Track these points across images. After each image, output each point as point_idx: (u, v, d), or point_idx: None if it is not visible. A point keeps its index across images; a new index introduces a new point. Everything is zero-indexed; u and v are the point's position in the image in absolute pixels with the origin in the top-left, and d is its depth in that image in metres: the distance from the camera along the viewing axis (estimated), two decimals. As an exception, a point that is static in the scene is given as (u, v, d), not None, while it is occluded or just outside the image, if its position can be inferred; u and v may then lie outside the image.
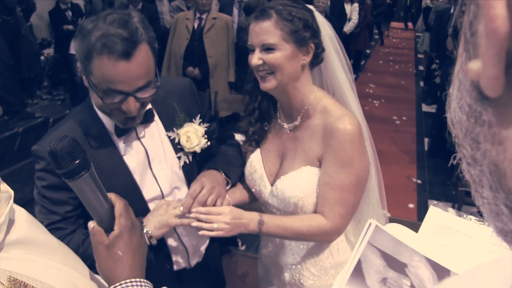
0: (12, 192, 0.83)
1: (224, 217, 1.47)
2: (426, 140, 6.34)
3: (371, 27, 12.15)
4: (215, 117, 1.84)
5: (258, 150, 1.70)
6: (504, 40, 0.27)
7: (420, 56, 12.49)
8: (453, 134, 0.34)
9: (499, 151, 0.30)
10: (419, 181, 5.14)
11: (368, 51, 12.55)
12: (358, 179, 1.49)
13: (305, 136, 1.55)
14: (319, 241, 1.61)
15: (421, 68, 10.95)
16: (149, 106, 1.54)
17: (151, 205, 1.55)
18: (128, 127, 1.46)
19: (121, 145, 1.51)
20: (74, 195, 1.39)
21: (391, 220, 2.11)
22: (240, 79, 5.16)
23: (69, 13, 6.49)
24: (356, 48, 10.14)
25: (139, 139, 1.54)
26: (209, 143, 1.63)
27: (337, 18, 7.26)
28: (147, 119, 1.53)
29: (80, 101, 6.35)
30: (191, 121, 1.62)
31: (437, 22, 6.98)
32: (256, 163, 1.67)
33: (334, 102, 1.55)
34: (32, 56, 4.98)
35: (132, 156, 1.52)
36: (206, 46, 4.96)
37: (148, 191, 1.54)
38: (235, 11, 5.94)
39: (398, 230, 1.13)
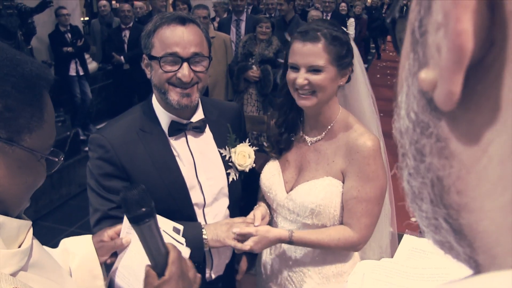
0: (31, 221, 0.91)
1: (253, 247, 1.57)
2: (426, 152, 6.35)
3: (367, 41, 12.25)
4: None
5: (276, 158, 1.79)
6: (468, 56, 0.25)
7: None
8: (398, 145, 0.33)
9: (445, 166, 0.29)
10: (420, 194, 5.13)
11: (365, 65, 12.63)
12: (381, 191, 1.59)
13: (329, 150, 1.65)
14: (345, 251, 1.70)
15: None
16: (202, 116, 1.67)
17: (196, 209, 1.65)
18: (184, 106, 1.54)
19: (172, 146, 1.61)
20: (127, 184, 1.53)
21: (394, 235, 2.11)
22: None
23: (69, 35, 6.54)
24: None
25: (188, 146, 1.64)
26: (254, 165, 1.76)
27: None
28: (200, 128, 1.64)
29: (80, 122, 6.32)
30: (240, 142, 1.74)
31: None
32: (275, 169, 1.75)
33: (356, 120, 1.67)
34: (33, 79, 5.02)
35: (181, 159, 1.62)
36: (205, 65, 4.98)
37: (193, 196, 1.64)
38: (233, 29, 6.00)
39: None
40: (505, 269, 0.25)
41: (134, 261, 1.26)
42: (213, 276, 1.77)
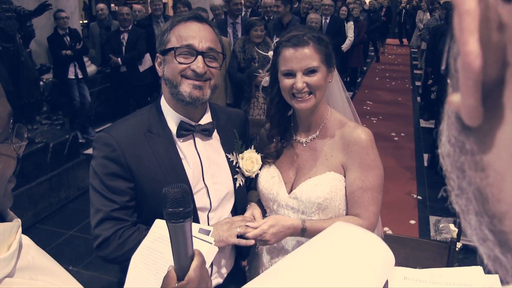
0: (20, 221, 0.87)
1: (266, 231, 1.59)
2: (425, 155, 6.35)
3: (366, 44, 12.26)
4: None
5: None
6: (478, 73, 0.29)
7: (416, 71, 12.59)
8: (443, 168, 0.36)
9: (481, 177, 0.32)
10: (419, 197, 5.14)
11: (364, 68, 12.65)
12: (381, 179, 1.67)
13: (325, 146, 1.71)
14: None
15: (418, 83, 11.01)
16: (210, 119, 1.67)
17: (200, 214, 1.63)
18: (195, 99, 1.54)
19: (180, 148, 1.60)
20: (132, 185, 1.54)
21: (393, 237, 2.12)
22: (237, 100, 5.19)
23: (67, 39, 6.54)
24: (351, 65, 10.21)
25: (196, 149, 1.63)
26: (260, 171, 1.76)
27: (334, 36, 7.31)
28: (209, 131, 1.64)
29: (79, 125, 6.28)
30: (247, 148, 1.75)
31: (432, 38, 7.04)
32: (273, 171, 1.78)
33: (342, 116, 1.75)
34: (32, 82, 5.02)
35: (187, 162, 1.61)
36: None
37: (198, 199, 1.62)
38: (230, 32, 6.00)
39: None
40: None
41: (158, 259, 1.27)
42: (213, 284, 1.74)
